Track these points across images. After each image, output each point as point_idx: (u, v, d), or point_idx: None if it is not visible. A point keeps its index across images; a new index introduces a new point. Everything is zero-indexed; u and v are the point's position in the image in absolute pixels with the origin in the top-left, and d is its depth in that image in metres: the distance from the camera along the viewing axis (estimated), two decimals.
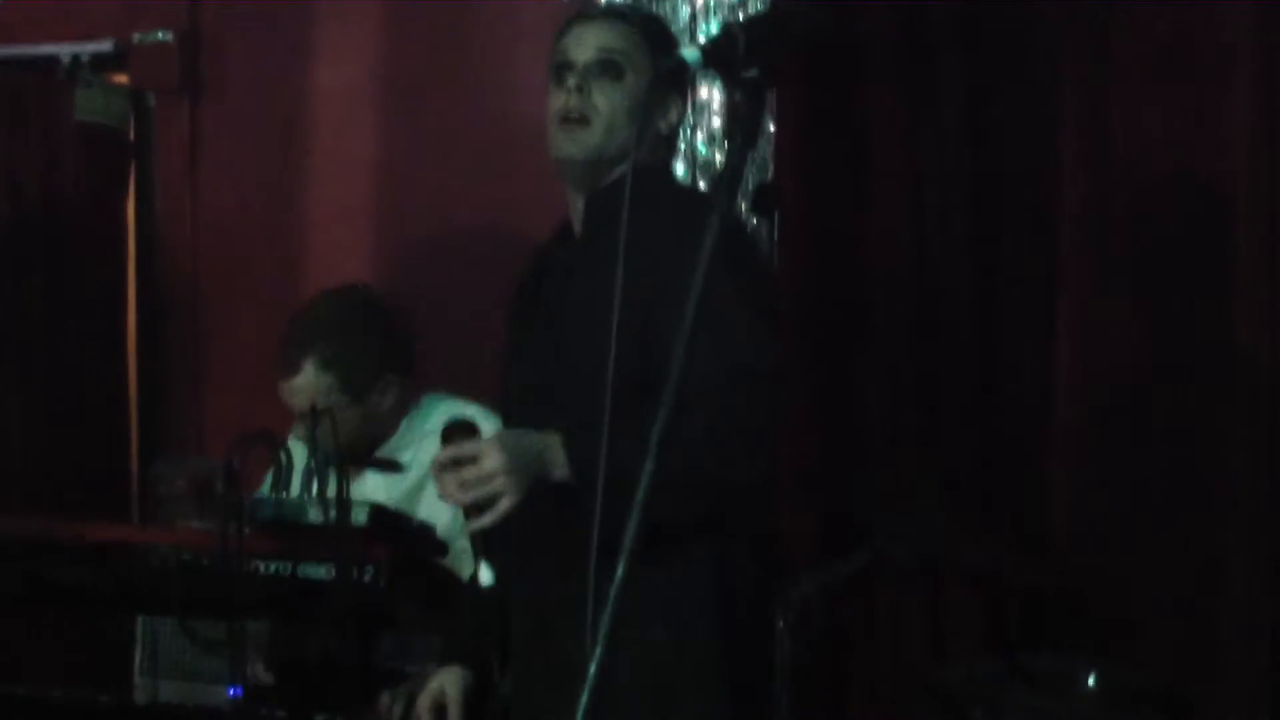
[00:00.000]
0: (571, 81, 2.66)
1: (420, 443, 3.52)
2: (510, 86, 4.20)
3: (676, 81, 2.70)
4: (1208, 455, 3.53)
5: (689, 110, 3.47)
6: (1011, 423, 3.73)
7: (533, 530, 2.54)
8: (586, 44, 2.68)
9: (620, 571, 1.81)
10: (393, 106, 4.45)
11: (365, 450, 3.51)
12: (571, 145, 2.65)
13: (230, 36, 4.53)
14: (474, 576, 2.46)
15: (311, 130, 4.51)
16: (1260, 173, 3.49)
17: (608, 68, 2.66)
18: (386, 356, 3.53)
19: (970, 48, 3.74)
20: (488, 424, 3.42)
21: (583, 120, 2.64)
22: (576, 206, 2.74)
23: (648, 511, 1.84)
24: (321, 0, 4.50)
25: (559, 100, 2.67)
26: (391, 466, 3.51)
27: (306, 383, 3.46)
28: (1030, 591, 3.54)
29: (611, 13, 2.76)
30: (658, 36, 2.74)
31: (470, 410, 3.49)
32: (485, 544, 2.44)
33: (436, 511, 3.08)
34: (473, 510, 2.43)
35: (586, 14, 2.75)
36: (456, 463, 2.45)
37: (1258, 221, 3.49)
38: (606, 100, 2.65)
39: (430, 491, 3.35)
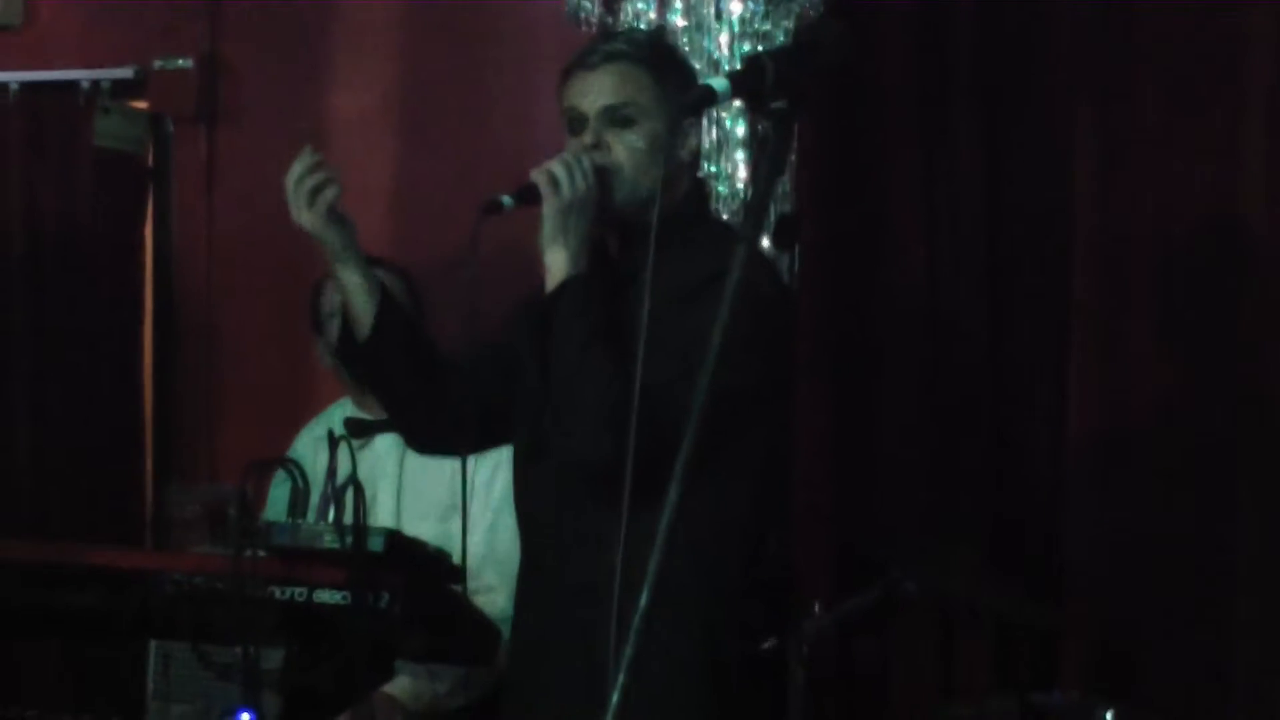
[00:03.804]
0: (588, 138, 2.67)
1: None
2: (526, 115, 4.21)
3: (695, 108, 2.70)
4: (1222, 494, 3.52)
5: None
6: (1025, 461, 3.73)
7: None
8: (593, 95, 2.68)
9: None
10: (409, 133, 4.46)
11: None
12: (602, 199, 2.65)
13: (249, 63, 4.55)
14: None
15: (328, 157, 4.44)
16: (1276, 210, 3.49)
17: (618, 119, 2.67)
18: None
19: (986, 84, 3.76)
20: None
21: (603, 174, 2.65)
22: (612, 239, 2.75)
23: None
24: (339, 28, 4.52)
25: None
26: None
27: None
28: (1043, 629, 3.53)
29: (614, 54, 2.70)
30: (664, 65, 2.72)
31: None
32: (523, 194, 2.64)
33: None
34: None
35: (587, 61, 2.71)
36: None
37: (1273, 259, 3.49)
38: (624, 149, 2.66)
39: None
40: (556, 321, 2.59)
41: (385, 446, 3.59)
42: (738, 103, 3.17)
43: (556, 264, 2.62)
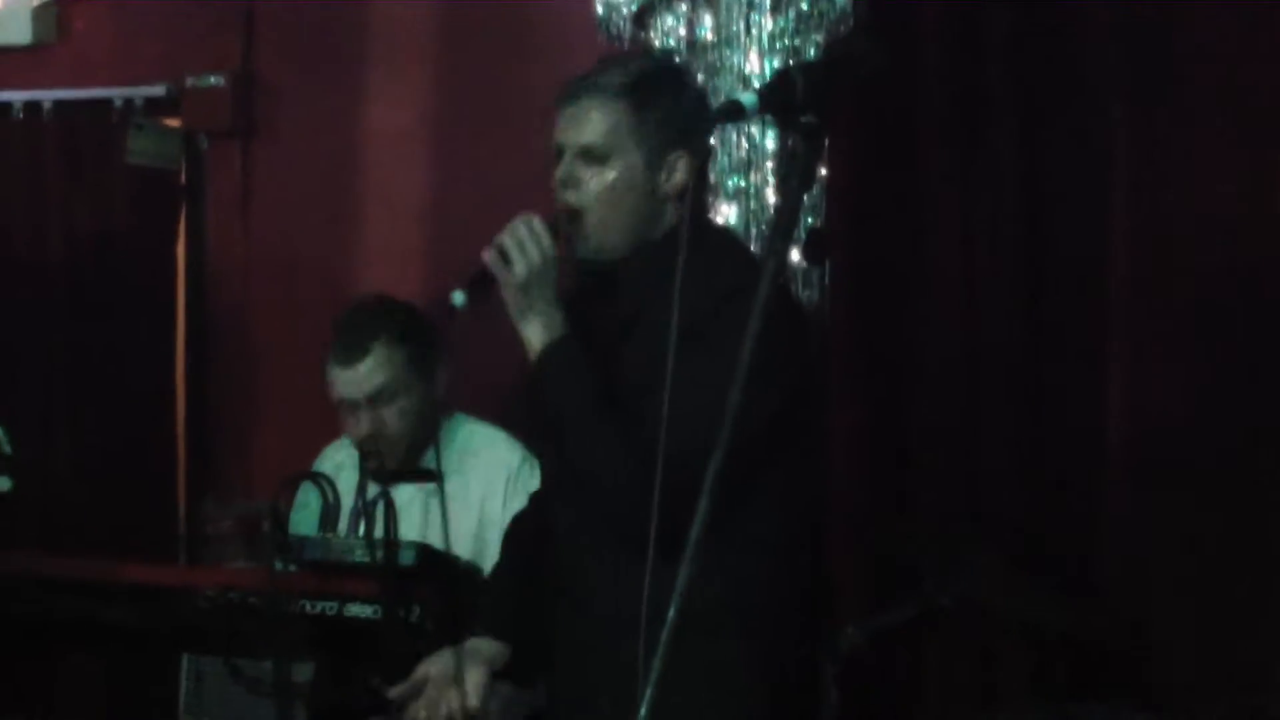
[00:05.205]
0: (560, 174, 2.67)
1: (462, 465, 3.46)
2: None
3: (684, 138, 2.64)
4: (1260, 502, 3.50)
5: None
6: (1062, 470, 3.70)
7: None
8: (570, 132, 2.67)
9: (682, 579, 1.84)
10: (443, 148, 4.47)
11: (408, 456, 3.44)
12: (569, 253, 2.65)
13: (282, 79, 4.57)
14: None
15: (362, 172, 4.54)
16: None
17: (591, 157, 2.65)
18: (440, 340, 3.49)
19: (1021, 92, 3.74)
20: (512, 453, 3.45)
21: (574, 216, 2.64)
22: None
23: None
24: (373, 43, 4.54)
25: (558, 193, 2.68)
26: (426, 476, 3.39)
27: (377, 364, 3.40)
28: (1080, 640, 3.51)
29: (592, 88, 2.66)
30: (646, 97, 2.66)
31: (495, 434, 3.52)
32: (475, 283, 2.62)
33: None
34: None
35: (568, 94, 2.70)
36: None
37: None
38: (595, 185, 2.64)
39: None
40: (547, 395, 2.60)
41: (406, 497, 3.34)
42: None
43: (532, 337, 2.62)
